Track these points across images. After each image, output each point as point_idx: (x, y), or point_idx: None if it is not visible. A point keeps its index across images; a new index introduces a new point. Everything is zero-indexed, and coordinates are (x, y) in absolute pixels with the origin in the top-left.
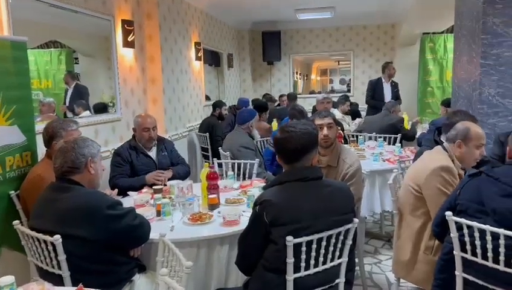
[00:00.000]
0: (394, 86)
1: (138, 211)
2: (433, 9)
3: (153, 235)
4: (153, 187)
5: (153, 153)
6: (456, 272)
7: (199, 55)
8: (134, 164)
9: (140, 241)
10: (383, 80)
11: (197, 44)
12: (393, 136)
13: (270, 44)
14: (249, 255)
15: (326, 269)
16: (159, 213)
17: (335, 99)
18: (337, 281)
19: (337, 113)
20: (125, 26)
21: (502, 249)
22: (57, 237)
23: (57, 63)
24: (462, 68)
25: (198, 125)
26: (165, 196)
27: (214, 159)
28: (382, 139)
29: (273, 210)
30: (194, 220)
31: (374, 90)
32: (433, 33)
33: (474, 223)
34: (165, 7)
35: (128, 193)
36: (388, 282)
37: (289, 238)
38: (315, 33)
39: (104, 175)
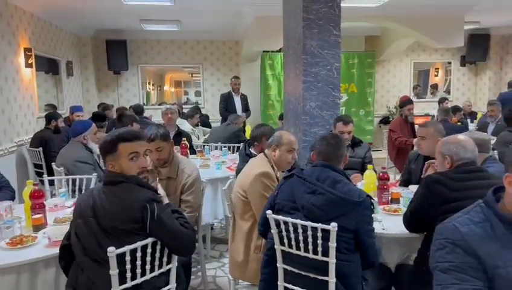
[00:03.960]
0: (243, 99)
1: None
2: (268, 30)
3: None
4: None
5: None
6: (278, 264)
7: (30, 62)
8: None
9: None
10: (233, 93)
11: (27, 50)
12: (236, 145)
13: (115, 53)
14: None
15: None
16: None
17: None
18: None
19: (187, 125)
20: None
21: (310, 240)
22: None
23: None
24: (290, 84)
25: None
26: None
27: (44, 176)
28: (227, 148)
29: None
30: (13, 244)
31: (227, 102)
32: (272, 51)
33: (288, 219)
34: None
35: None
36: (230, 283)
37: (111, 249)
38: (163, 45)
39: None
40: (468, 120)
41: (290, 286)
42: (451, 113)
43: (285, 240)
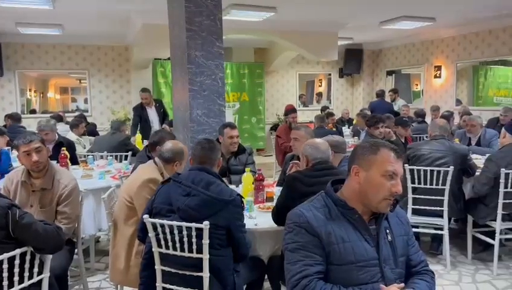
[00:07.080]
0: (159, 107)
1: None
2: (156, 38)
3: None
4: None
5: None
6: (156, 267)
7: None
8: None
9: None
10: (146, 106)
11: None
12: (124, 154)
13: None
14: None
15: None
16: None
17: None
18: None
19: (73, 135)
20: None
21: (185, 239)
22: None
23: None
24: (177, 92)
25: None
26: None
27: None
28: (112, 157)
29: None
30: None
31: (140, 116)
32: (163, 59)
33: (165, 221)
34: None
35: None
36: None
37: None
38: (44, 49)
39: None
40: (346, 126)
41: (168, 286)
42: (326, 120)
43: (163, 242)
